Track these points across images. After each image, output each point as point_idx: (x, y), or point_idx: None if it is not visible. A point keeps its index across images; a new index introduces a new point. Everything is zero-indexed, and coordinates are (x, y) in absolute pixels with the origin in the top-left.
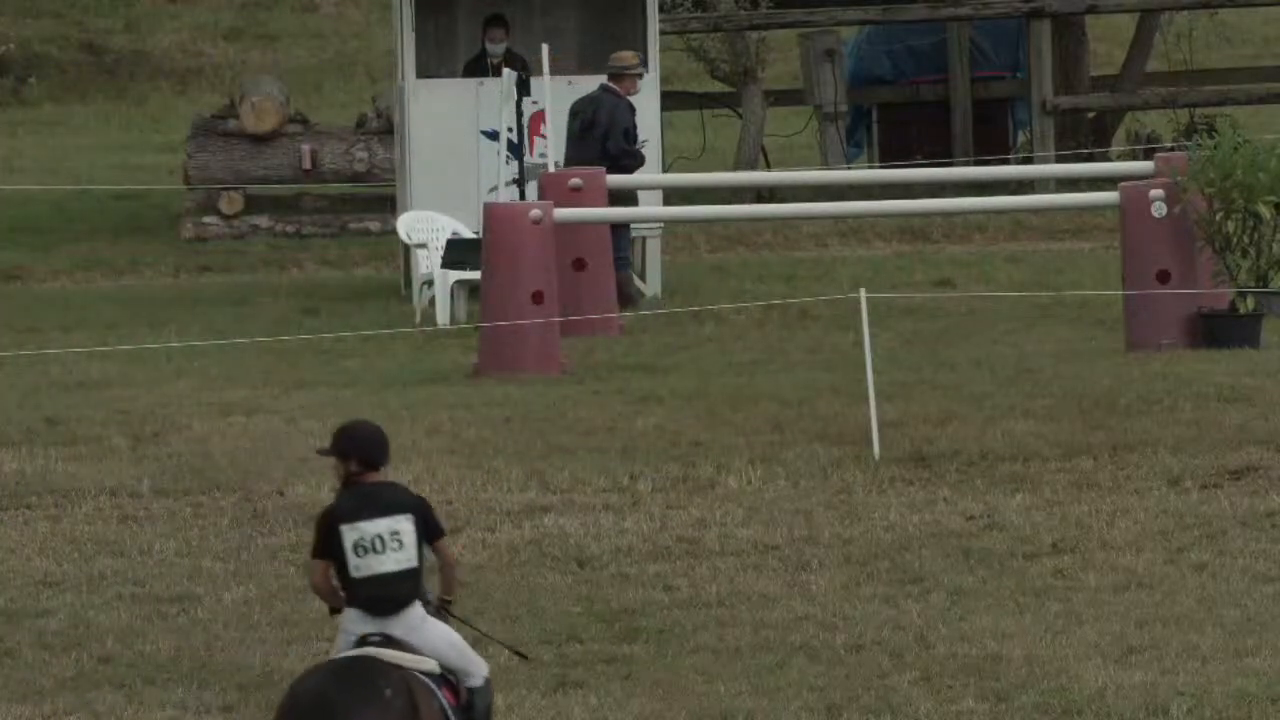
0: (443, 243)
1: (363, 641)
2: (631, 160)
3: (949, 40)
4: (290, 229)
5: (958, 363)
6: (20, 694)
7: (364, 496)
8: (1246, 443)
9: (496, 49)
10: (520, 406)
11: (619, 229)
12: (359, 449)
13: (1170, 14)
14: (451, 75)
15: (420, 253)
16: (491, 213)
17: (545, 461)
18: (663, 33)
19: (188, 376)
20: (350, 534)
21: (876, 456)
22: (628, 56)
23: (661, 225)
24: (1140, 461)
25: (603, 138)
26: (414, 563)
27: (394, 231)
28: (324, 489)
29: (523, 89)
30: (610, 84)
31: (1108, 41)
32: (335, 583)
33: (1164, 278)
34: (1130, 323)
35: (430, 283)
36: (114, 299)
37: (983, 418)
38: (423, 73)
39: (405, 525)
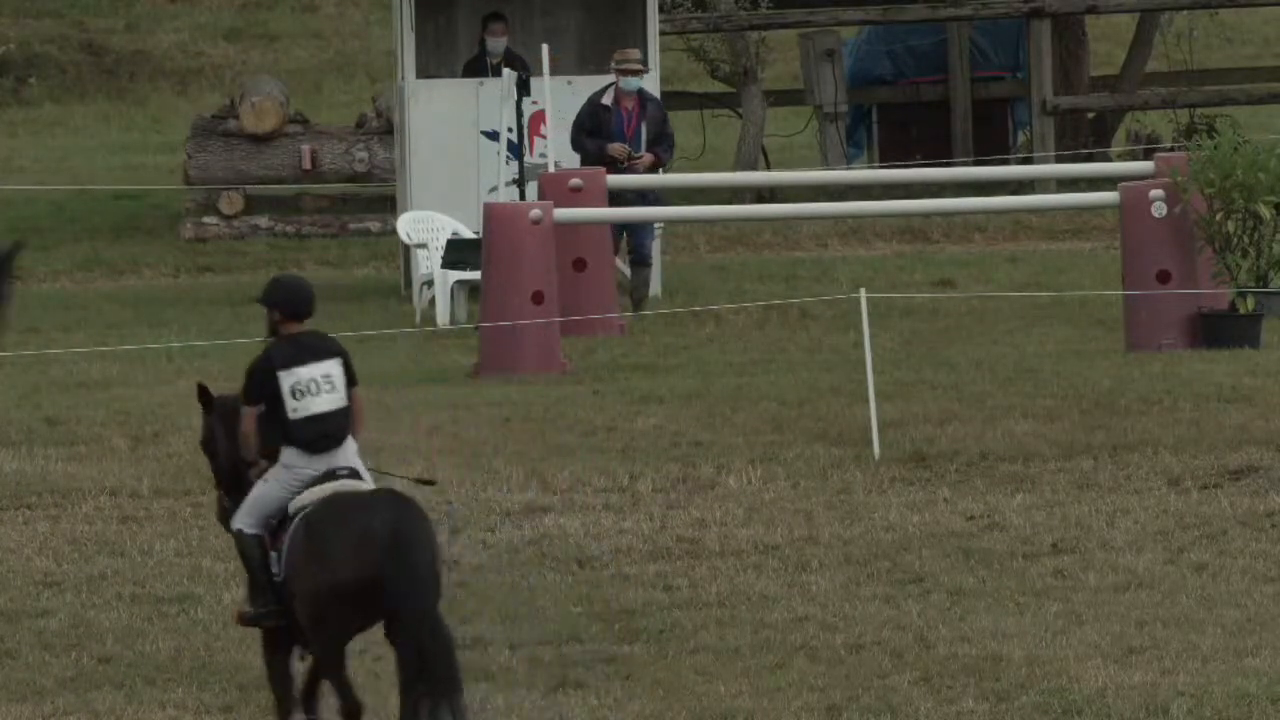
0: (443, 243)
1: (332, 475)
2: (580, 153)
3: (949, 40)
4: (290, 229)
5: (958, 363)
6: (20, 694)
7: (297, 344)
8: (1246, 443)
9: (496, 44)
10: (520, 406)
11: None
12: (284, 300)
13: (1170, 14)
14: (451, 75)
15: (420, 253)
16: (491, 213)
17: (545, 461)
18: (663, 33)
19: (188, 376)
20: (288, 379)
21: (876, 456)
22: (618, 53)
23: (661, 225)
24: (1140, 461)
25: None
26: (344, 402)
27: (394, 231)
28: None
29: (523, 89)
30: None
31: (1108, 41)
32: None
33: (1164, 278)
34: (1130, 323)
35: (430, 283)
36: (114, 299)
37: (983, 418)
38: (423, 73)
39: (335, 369)
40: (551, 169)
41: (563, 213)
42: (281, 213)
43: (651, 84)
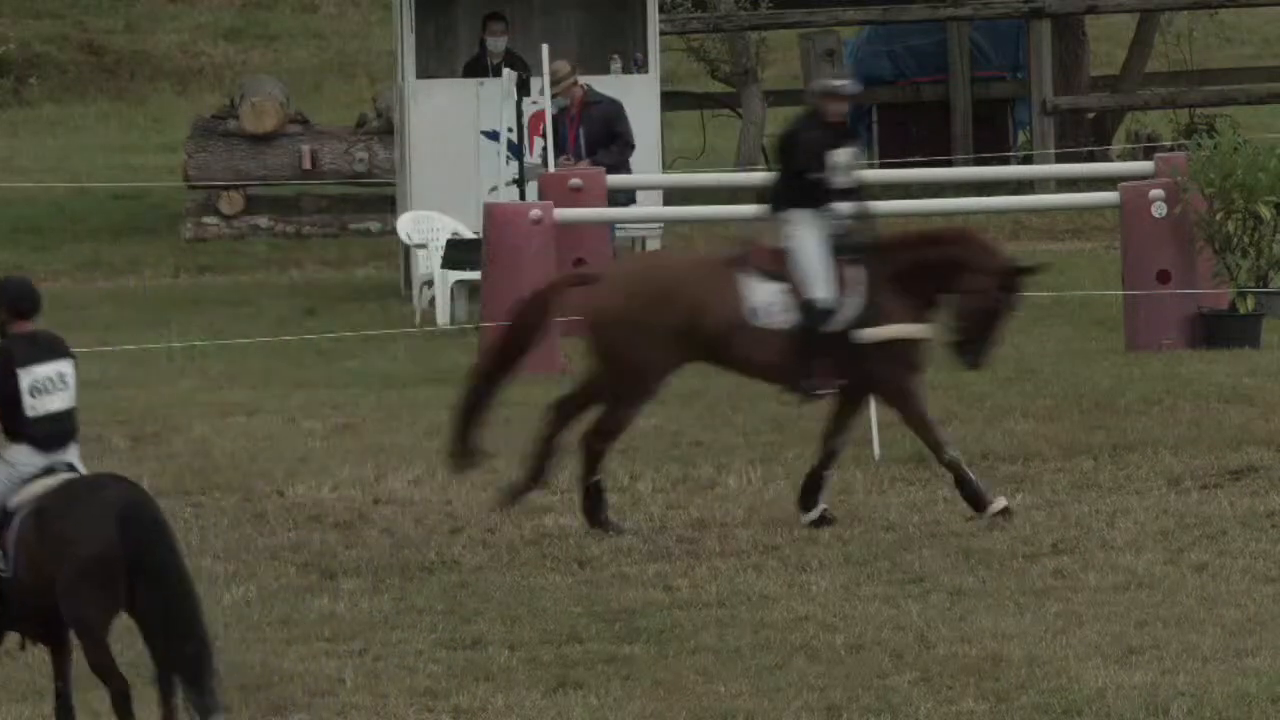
0: (443, 243)
1: (50, 471)
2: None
3: (949, 40)
4: (290, 229)
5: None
6: (20, 694)
7: (33, 342)
8: (1246, 443)
9: (496, 43)
10: (520, 406)
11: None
12: (11, 299)
13: (1170, 14)
14: (451, 75)
15: (420, 253)
16: (491, 213)
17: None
18: (663, 33)
19: (188, 376)
20: (26, 377)
21: (876, 456)
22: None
23: (661, 225)
24: (1140, 461)
25: None
26: (74, 402)
27: (394, 231)
28: (324, 489)
29: (523, 89)
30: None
31: (1108, 41)
32: None
33: (1164, 278)
34: (1130, 323)
35: (430, 283)
36: (114, 299)
37: (983, 418)
38: (423, 73)
39: (68, 368)
40: (551, 169)
41: (563, 213)
42: (281, 213)
43: (651, 84)
